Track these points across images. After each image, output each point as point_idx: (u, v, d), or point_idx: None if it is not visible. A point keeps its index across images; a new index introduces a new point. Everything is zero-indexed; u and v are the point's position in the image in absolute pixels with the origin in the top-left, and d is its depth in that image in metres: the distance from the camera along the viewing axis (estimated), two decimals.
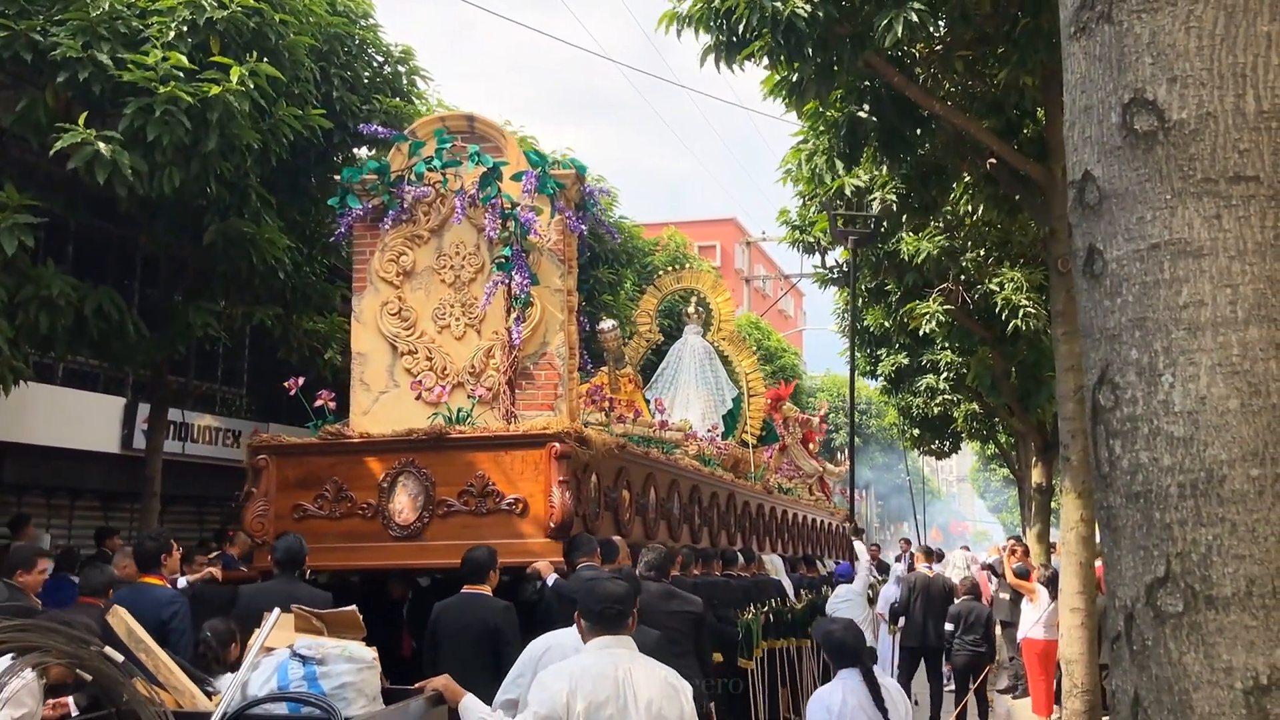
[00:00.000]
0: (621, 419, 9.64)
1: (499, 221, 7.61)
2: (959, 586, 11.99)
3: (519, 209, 7.60)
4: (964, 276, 13.28)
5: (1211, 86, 1.67)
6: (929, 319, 13.54)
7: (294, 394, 7.49)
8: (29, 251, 7.33)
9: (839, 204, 12.46)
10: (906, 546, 18.59)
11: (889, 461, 44.12)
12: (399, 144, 8.12)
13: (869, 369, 19.91)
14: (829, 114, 9.49)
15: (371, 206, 7.93)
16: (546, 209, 7.77)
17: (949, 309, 13.51)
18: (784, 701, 9.52)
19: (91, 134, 7.10)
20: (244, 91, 7.56)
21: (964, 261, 12.93)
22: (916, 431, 20.90)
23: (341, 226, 8.09)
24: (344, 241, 8.57)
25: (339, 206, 8.02)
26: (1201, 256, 1.66)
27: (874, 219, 12.45)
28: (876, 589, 12.19)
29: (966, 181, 10.51)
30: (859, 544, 13.23)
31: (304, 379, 7.66)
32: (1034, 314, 12.35)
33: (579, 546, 6.49)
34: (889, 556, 20.02)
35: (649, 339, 13.38)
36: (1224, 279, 1.64)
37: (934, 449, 22.50)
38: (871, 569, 12.69)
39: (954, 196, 11.00)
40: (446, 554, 6.34)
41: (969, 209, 11.02)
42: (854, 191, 11.82)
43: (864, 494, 42.55)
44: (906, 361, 18.37)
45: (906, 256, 13.12)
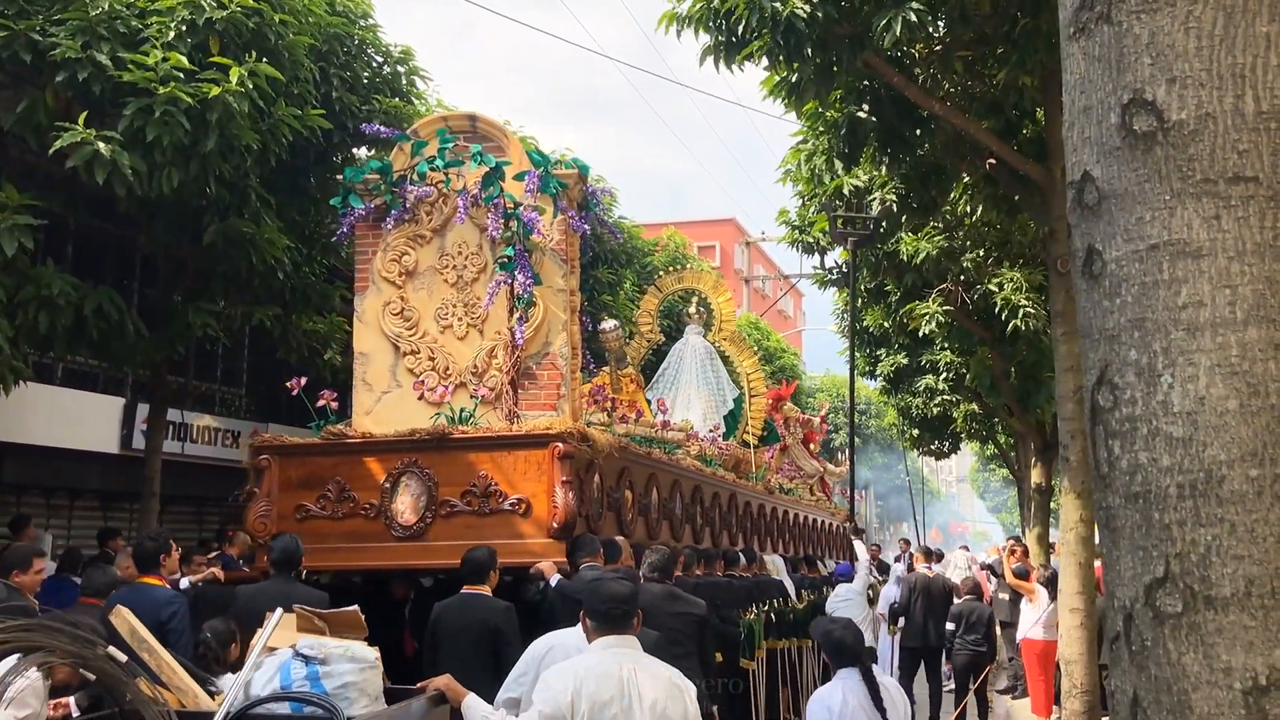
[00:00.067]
0: (624, 419, 9.64)
1: (501, 221, 7.59)
2: (961, 586, 11.99)
3: (522, 209, 7.60)
4: (963, 277, 13.28)
5: (1211, 87, 1.67)
6: (928, 320, 13.54)
7: (296, 394, 7.49)
8: (28, 252, 7.33)
9: (838, 204, 12.46)
10: (906, 547, 18.58)
11: (888, 462, 44.09)
12: (401, 144, 8.12)
13: (868, 369, 19.90)
14: (828, 114, 9.49)
15: (374, 206, 7.93)
16: (549, 209, 7.76)
17: (948, 309, 13.51)
18: (784, 702, 9.52)
19: (91, 134, 7.09)
20: (243, 92, 7.55)
21: (964, 262, 12.93)
22: (916, 432, 20.90)
23: (344, 226, 8.09)
24: (346, 241, 8.56)
25: (341, 206, 8.02)
26: (1200, 257, 1.66)
27: (873, 220, 12.45)
28: (877, 589, 12.18)
29: (966, 182, 10.50)
30: (859, 543, 13.22)
31: (304, 379, 7.67)
32: (1033, 314, 12.35)
33: (582, 547, 6.48)
34: (889, 557, 20.02)
35: (650, 339, 13.37)
36: (1223, 280, 1.64)
37: (933, 449, 22.51)
38: (872, 569, 12.69)
39: (953, 197, 11.00)
40: (449, 554, 6.30)
41: (968, 209, 11.01)
42: (853, 192, 11.82)
43: (863, 494, 42.53)
44: (906, 362, 18.37)
45: (906, 257, 13.12)
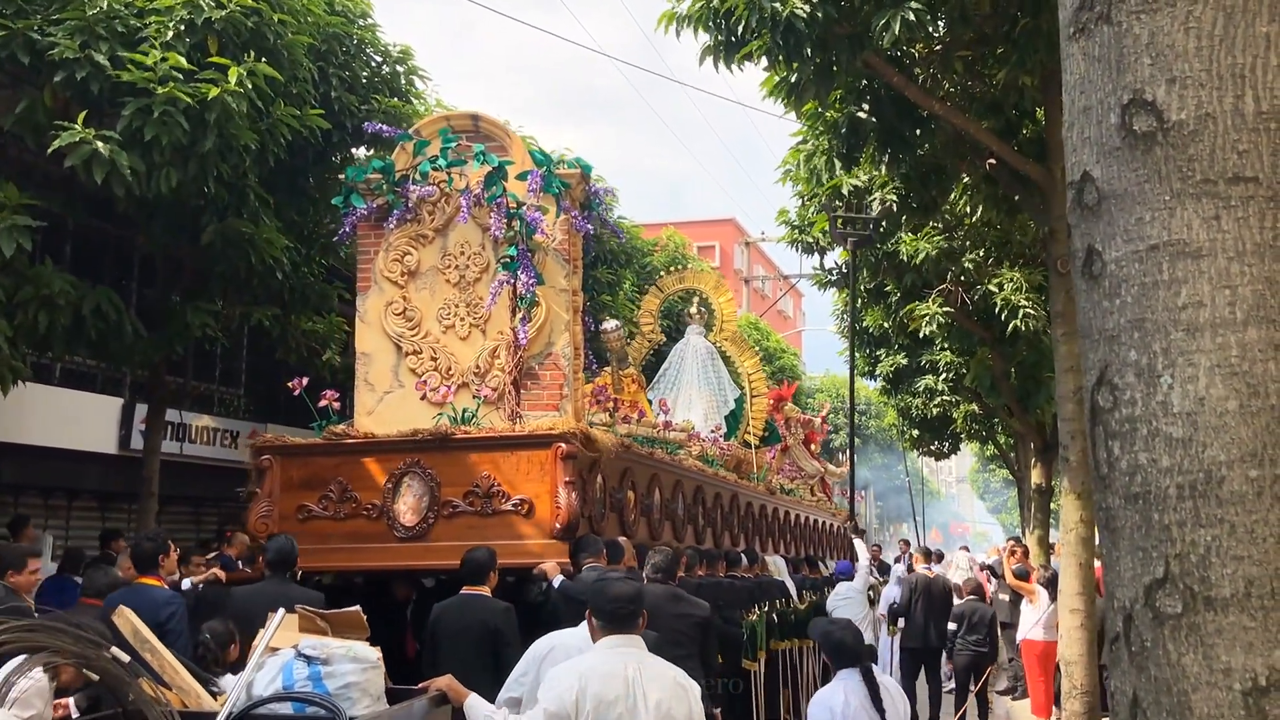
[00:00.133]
0: (626, 419, 9.63)
1: (504, 221, 7.58)
2: (963, 587, 11.99)
3: (524, 208, 7.59)
4: (963, 277, 13.27)
5: (1210, 87, 1.67)
6: (929, 320, 13.54)
7: (298, 394, 7.49)
8: (27, 252, 7.32)
9: (838, 204, 12.45)
10: (906, 548, 18.59)
11: (888, 462, 44.09)
12: (403, 143, 8.11)
13: (868, 370, 19.90)
14: (828, 114, 9.50)
15: (376, 206, 7.92)
16: (552, 208, 7.76)
17: (948, 310, 13.51)
18: (785, 702, 9.51)
19: (90, 134, 7.08)
20: (242, 92, 7.55)
21: (964, 262, 12.92)
22: (916, 432, 20.90)
23: (346, 226, 8.08)
24: (348, 241, 8.55)
25: (343, 205, 8.01)
26: (1200, 257, 1.66)
27: (873, 220, 12.45)
28: (878, 589, 12.17)
29: (966, 182, 10.50)
30: (859, 542, 13.22)
31: (305, 379, 7.66)
32: (1033, 314, 12.34)
33: (585, 547, 6.47)
34: (889, 557, 20.02)
35: (651, 339, 13.36)
36: (1223, 280, 1.64)
37: (933, 450, 22.52)
38: (872, 569, 12.68)
39: (953, 197, 10.99)
40: (451, 555, 6.27)
41: (968, 209, 11.01)
42: (853, 192, 11.82)
43: (863, 495, 42.52)
44: (905, 362, 18.38)
45: (906, 257, 13.12)
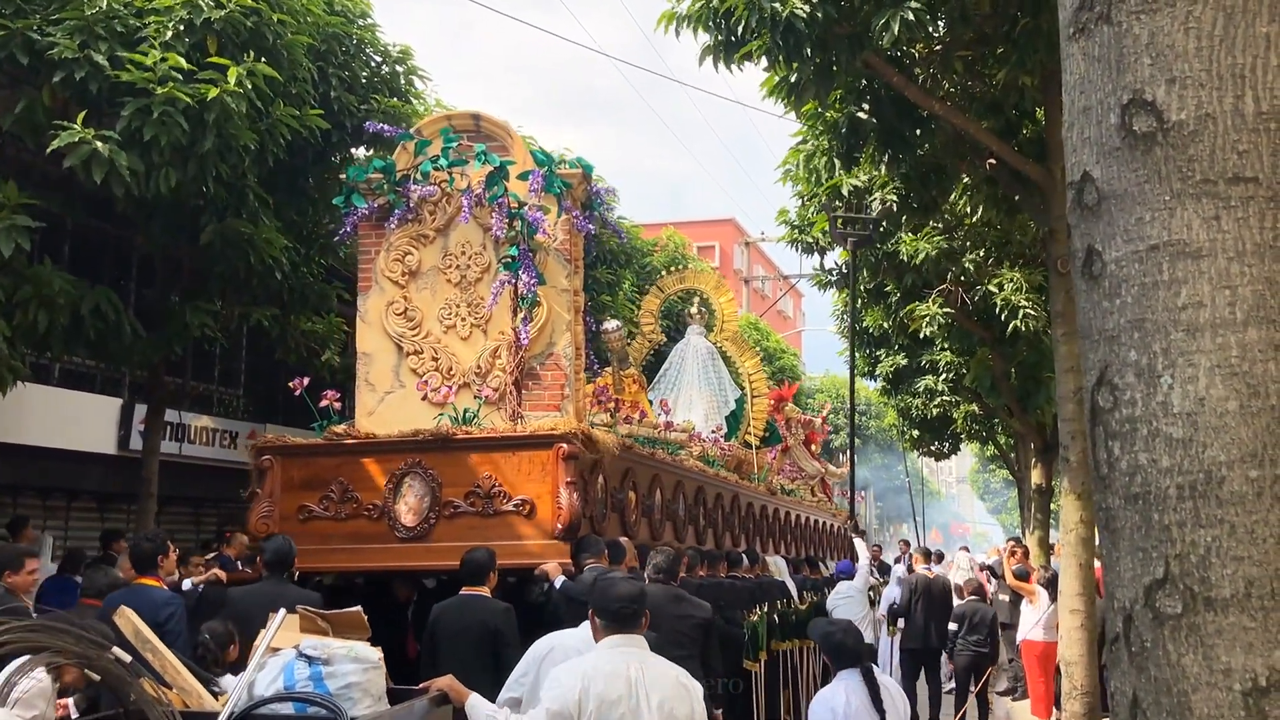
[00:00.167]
0: (627, 420, 9.62)
1: (505, 221, 7.57)
2: (964, 587, 11.98)
3: (526, 208, 7.58)
4: (963, 277, 13.27)
5: (1210, 88, 1.67)
6: (929, 320, 13.54)
7: (299, 395, 7.48)
8: (26, 252, 7.31)
9: (838, 204, 12.45)
10: (906, 548, 18.57)
11: (888, 462, 44.09)
12: (404, 143, 8.09)
13: (868, 370, 19.90)
14: (828, 114, 9.50)
15: (377, 206, 7.91)
16: (553, 208, 7.75)
17: (948, 310, 13.50)
18: (785, 703, 9.50)
19: (89, 133, 7.08)
20: (241, 92, 7.55)
21: (964, 262, 12.93)
22: (916, 433, 20.89)
23: (347, 226, 8.06)
24: (349, 241, 8.53)
25: (344, 205, 7.99)
26: (1200, 258, 1.66)
27: (873, 220, 12.44)
28: (879, 590, 12.17)
29: (966, 182, 10.50)
30: (859, 541, 13.22)
31: (306, 379, 7.66)
32: (1033, 315, 12.34)
33: (586, 548, 6.47)
34: (889, 558, 20.01)
35: (651, 339, 13.36)
36: (1223, 280, 1.64)
37: (933, 450, 22.51)
38: (872, 569, 12.68)
39: (953, 197, 10.99)
40: (452, 556, 6.25)
41: (968, 209, 11.01)
42: (853, 192, 11.82)
43: (863, 495, 42.52)
44: (905, 362, 18.38)
45: (906, 257, 13.12)
